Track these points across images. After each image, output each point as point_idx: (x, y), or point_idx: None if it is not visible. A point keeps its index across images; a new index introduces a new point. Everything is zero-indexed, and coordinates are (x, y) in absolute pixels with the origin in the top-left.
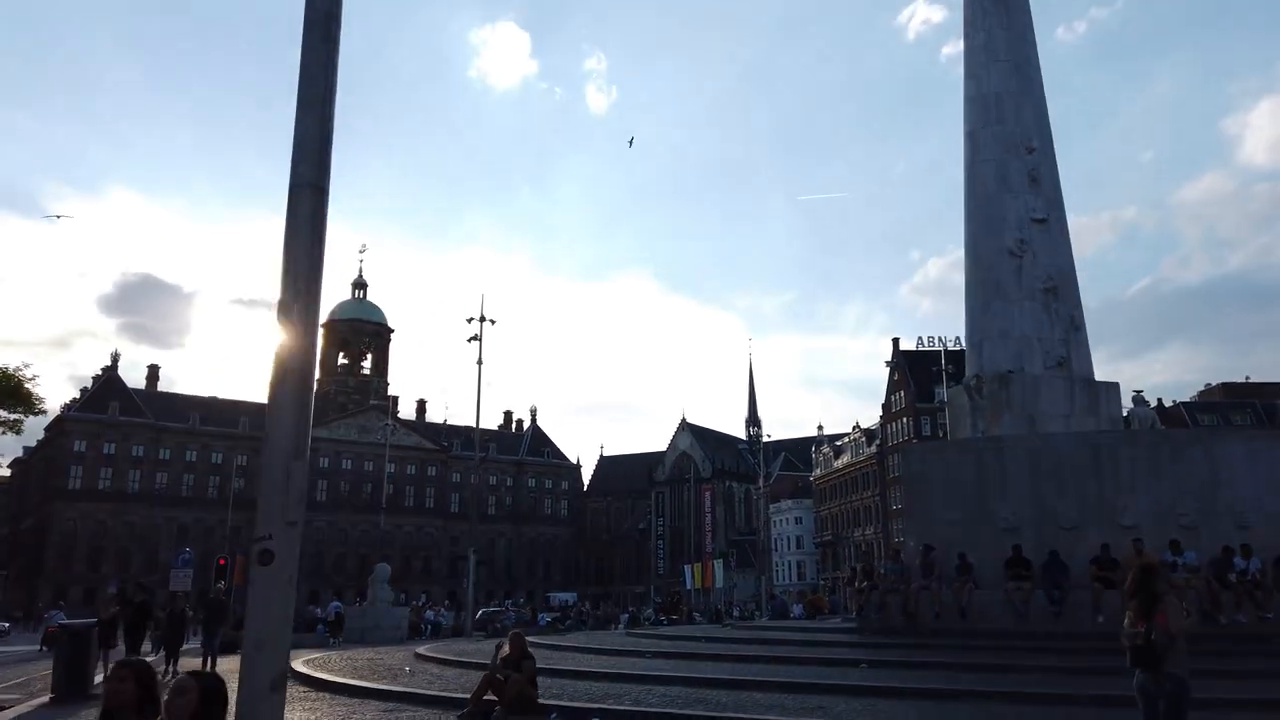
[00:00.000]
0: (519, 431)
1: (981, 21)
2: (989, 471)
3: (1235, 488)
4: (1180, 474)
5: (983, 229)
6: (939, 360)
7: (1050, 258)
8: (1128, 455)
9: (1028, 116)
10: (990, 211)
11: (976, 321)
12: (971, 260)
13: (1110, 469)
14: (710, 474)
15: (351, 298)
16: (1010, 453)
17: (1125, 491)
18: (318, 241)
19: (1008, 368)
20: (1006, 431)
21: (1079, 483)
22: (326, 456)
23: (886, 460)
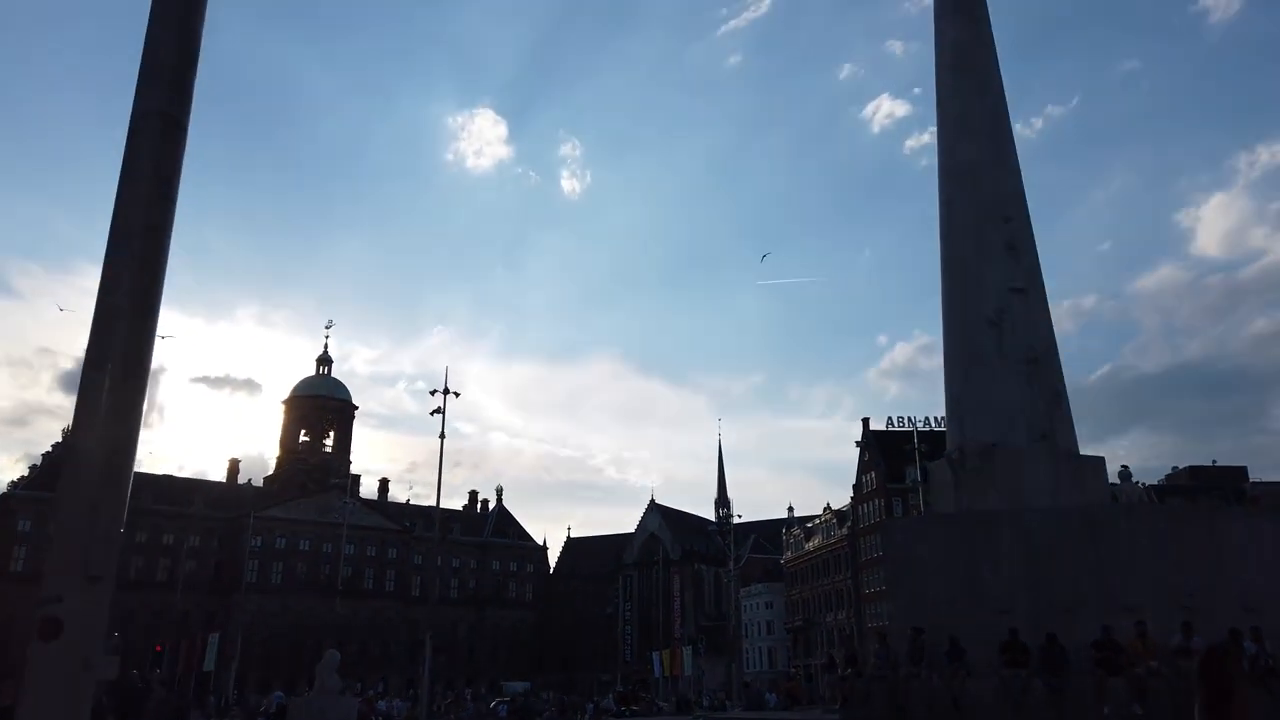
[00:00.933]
0: (484, 512)
1: (955, 94)
2: (980, 548)
3: (1239, 567)
4: (1182, 551)
5: (961, 298)
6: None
7: (1031, 328)
8: (1126, 530)
9: (1004, 186)
10: (968, 280)
11: (957, 393)
12: (950, 330)
13: (1109, 545)
14: (679, 556)
15: (316, 374)
16: (1002, 527)
17: (1125, 570)
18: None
19: (990, 440)
20: (990, 506)
21: (1076, 560)
22: (284, 537)
23: (858, 542)
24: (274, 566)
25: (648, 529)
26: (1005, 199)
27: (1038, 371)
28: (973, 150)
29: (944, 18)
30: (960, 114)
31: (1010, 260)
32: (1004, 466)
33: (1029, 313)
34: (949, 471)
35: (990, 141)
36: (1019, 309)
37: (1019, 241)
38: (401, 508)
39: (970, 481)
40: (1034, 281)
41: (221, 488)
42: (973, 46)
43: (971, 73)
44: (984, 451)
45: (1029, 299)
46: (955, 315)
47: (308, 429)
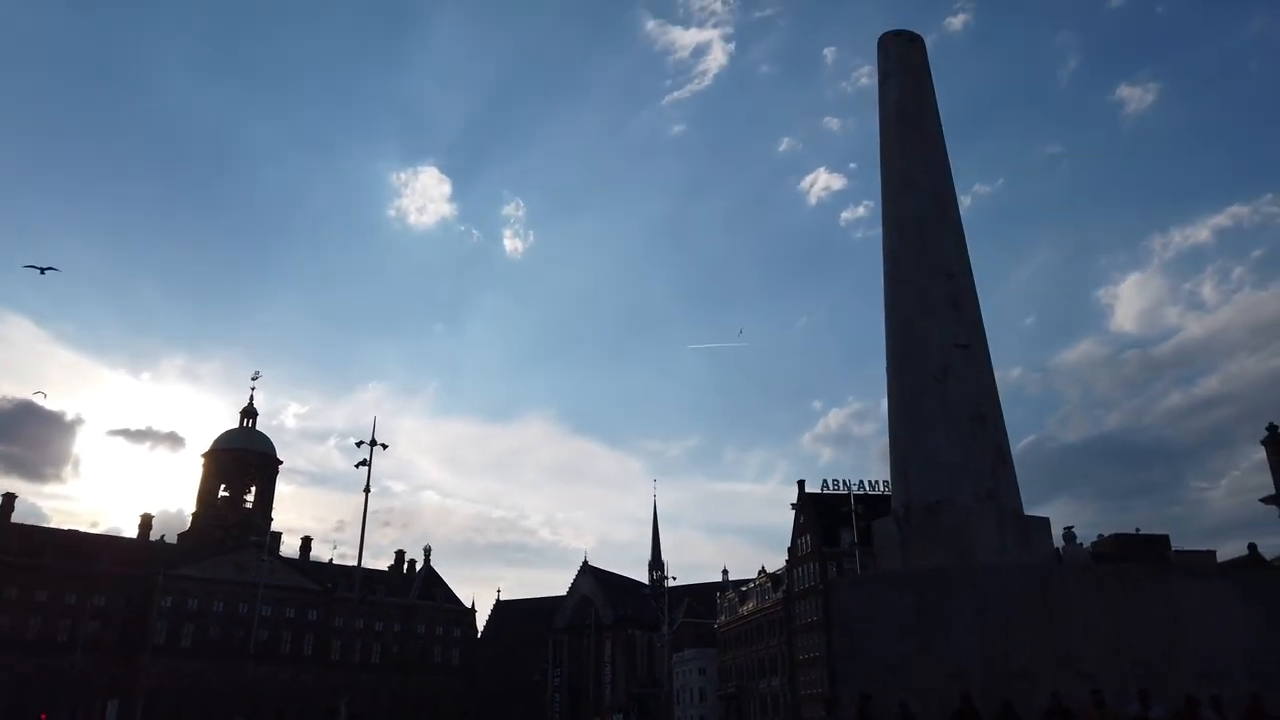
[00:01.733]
0: (411, 573)
1: (899, 151)
2: (931, 608)
3: (1196, 632)
4: (1137, 614)
5: (905, 353)
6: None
7: (975, 385)
8: (1079, 592)
9: (947, 242)
10: (913, 335)
11: (902, 450)
12: (894, 386)
13: (1063, 607)
14: (612, 621)
15: (239, 426)
16: (953, 586)
17: (1080, 633)
18: None
19: (936, 498)
20: (937, 565)
21: (1030, 622)
22: (196, 597)
23: (793, 607)
24: (185, 628)
25: (580, 591)
26: (948, 255)
27: (982, 429)
28: (916, 206)
29: (889, 78)
30: (904, 170)
31: (954, 316)
32: (950, 525)
33: (973, 369)
34: (895, 529)
35: (933, 198)
36: (963, 365)
37: (962, 298)
38: (324, 567)
39: (916, 539)
40: (977, 338)
41: (132, 544)
42: (916, 106)
43: (915, 131)
44: (930, 509)
45: (973, 355)
46: (900, 371)
47: (228, 483)
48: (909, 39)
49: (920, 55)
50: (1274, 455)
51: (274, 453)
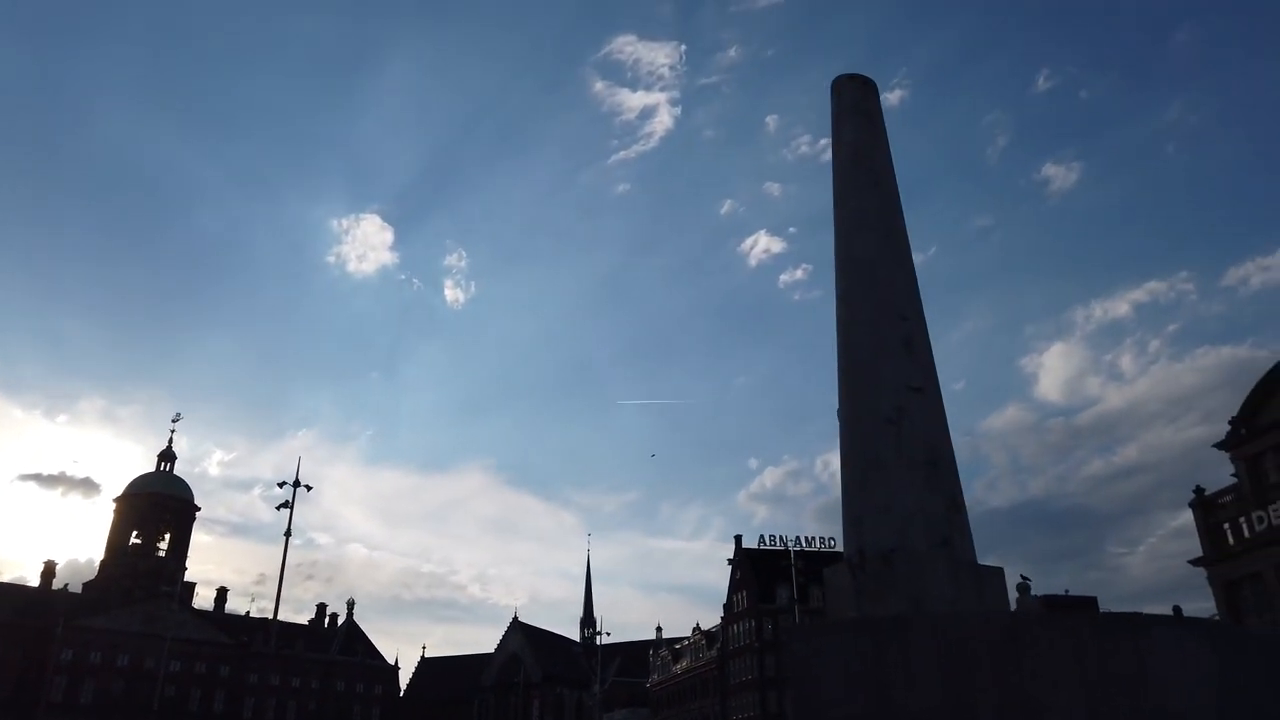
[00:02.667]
0: (332, 627)
1: (852, 190)
2: (891, 656)
3: (1168, 691)
4: (1105, 665)
5: (858, 395)
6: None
7: (928, 430)
8: (1047, 641)
9: (899, 284)
10: (865, 377)
11: (854, 496)
12: (846, 429)
13: (1030, 657)
14: (540, 679)
15: (156, 470)
16: (915, 634)
17: (1048, 685)
18: None
19: (890, 545)
20: (897, 612)
21: (997, 672)
22: (99, 650)
23: (728, 665)
24: (85, 683)
25: (509, 649)
26: (901, 296)
27: (936, 475)
28: (869, 246)
29: (842, 118)
30: (857, 209)
31: (908, 358)
32: (904, 572)
33: (927, 413)
34: (849, 576)
35: (885, 239)
36: (917, 409)
37: (916, 340)
38: (240, 620)
39: (871, 587)
40: (930, 382)
41: (32, 592)
42: (869, 146)
43: (868, 171)
44: (884, 556)
45: (927, 399)
46: (853, 413)
47: (141, 530)
48: (862, 82)
49: (873, 99)
50: (1200, 518)
51: (191, 498)
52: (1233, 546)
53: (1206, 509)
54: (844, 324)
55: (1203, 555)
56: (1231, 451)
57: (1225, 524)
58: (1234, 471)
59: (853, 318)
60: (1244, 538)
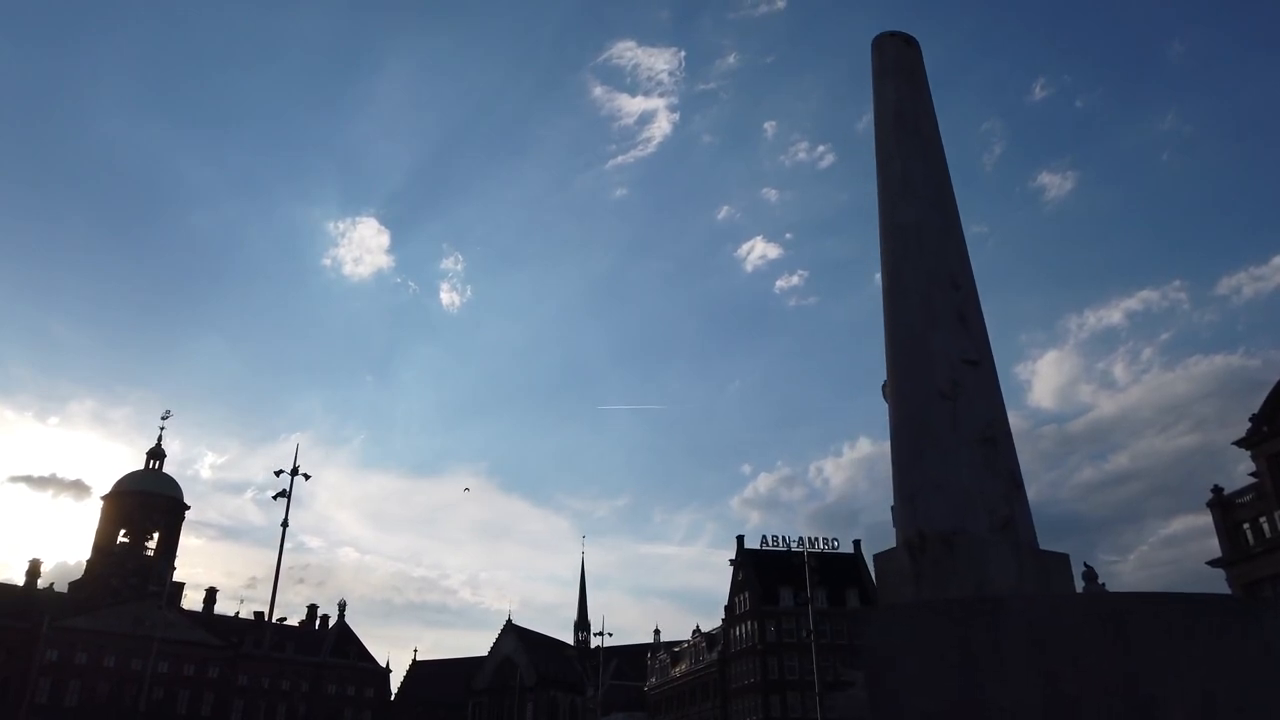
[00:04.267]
0: (323, 629)
1: (896, 153)
2: (979, 645)
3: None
4: (1225, 655)
5: (908, 368)
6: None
7: (985, 405)
8: (1160, 628)
9: (950, 251)
10: (916, 349)
11: (907, 473)
12: (897, 404)
13: (1140, 645)
14: (534, 682)
15: (145, 468)
16: (1007, 619)
17: (1159, 677)
18: None
19: (948, 526)
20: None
21: (1100, 662)
22: (85, 651)
23: (729, 668)
24: (71, 685)
25: (502, 652)
26: (952, 265)
27: (995, 453)
28: (917, 212)
29: (884, 77)
30: (902, 174)
31: (961, 329)
32: (966, 557)
33: (983, 388)
34: (907, 559)
35: (935, 206)
36: (973, 383)
37: (969, 311)
38: (230, 622)
39: (931, 572)
40: (985, 355)
41: (16, 592)
42: (913, 108)
43: (914, 134)
44: (944, 538)
45: (982, 373)
46: (903, 387)
47: (129, 529)
48: (905, 40)
49: (917, 59)
50: (1219, 518)
51: (181, 497)
52: (1253, 546)
53: (1225, 509)
54: (890, 294)
55: (1222, 556)
56: (1252, 449)
57: (1245, 524)
58: (1254, 470)
59: (900, 287)
60: (1265, 537)
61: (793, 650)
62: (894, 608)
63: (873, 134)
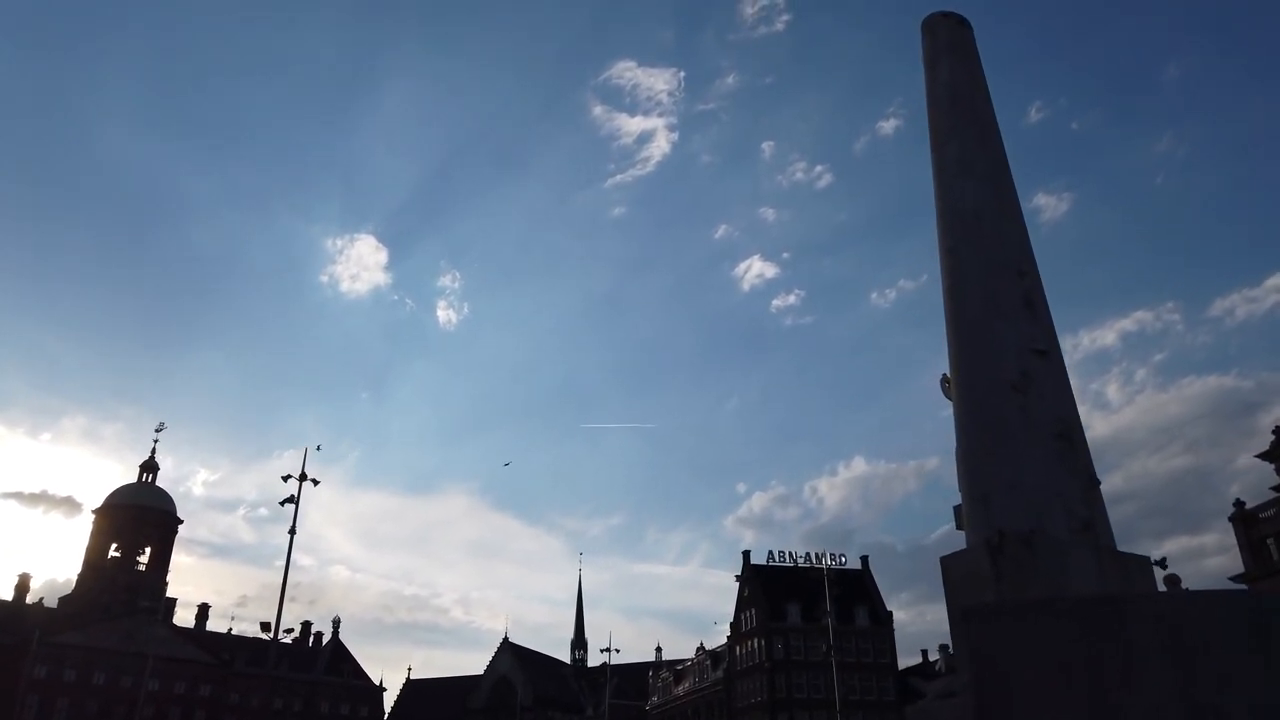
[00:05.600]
0: (317, 646)
1: (952, 135)
2: (1105, 650)
3: None
4: None
5: (974, 359)
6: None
7: (1058, 398)
8: None
9: (1013, 238)
10: (982, 339)
11: (978, 471)
12: (963, 397)
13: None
14: (531, 702)
15: (138, 481)
16: (1136, 620)
17: None
18: None
19: (1026, 527)
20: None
21: (1243, 672)
22: (74, 668)
23: (734, 686)
24: (59, 702)
25: (499, 670)
26: (1016, 250)
27: (1071, 449)
28: (977, 196)
29: (937, 58)
30: (960, 157)
31: (1029, 317)
32: (1046, 559)
33: (1054, 380)
34: (986, 560)
35: (995, 190)
36: (1044, 374)
37: (1035, 298)
38: (221, 639)
39: (1012, 574)
40: (1054, 346)
41: (5, 607)
42: (967, 88)
43: (970, 115)
44: (1024, 539)
45: (1053, 365)
46: (970, 378)
47: (121, 543)
48: (958, 20)
49: (970, 39)
50: (1242, 533)
51: (174, 511)
52: (1278, 561)
53: (1248, 523)
54: (952, 281)
55: (1245, 571)
56: (1276, 463)
57: (1269, 538)
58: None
59: (963, 274)
60: None
61: (801, 668)
62: (1002, 607)
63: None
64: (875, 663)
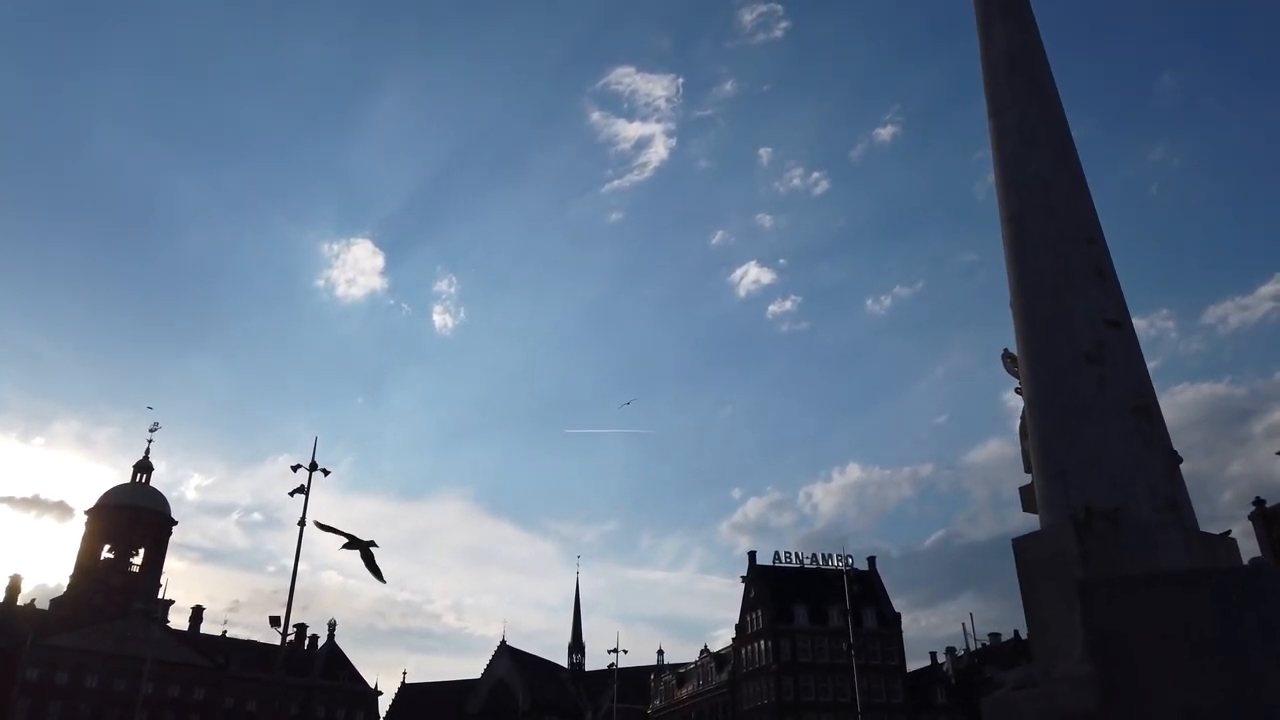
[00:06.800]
0: (312, 650)
1: (1013, 101)
2: (1245, 620)
3: None
4: None
5: (1045, 330)
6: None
7: (1133, 371)
8: None
9: (1080, 206)
10: (1053, 310)
11: (1053, 447)
12: (1034, 370)
13: None
14: (529, 706)
15: (131, 481)
16: (1275, 591)
17: None
18: None
19: (1110, 505)
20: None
21: None
22: (67, 670)
23: (740, 689)
24: (51, 705)
25: (496, 674)
26: (1084, 219)
27: (1150, 424)
28: (1041, 163)
29: (991, 23)
30: (1021, 123)
31: (1100, 287)
32: (1133, 538)
33: (1129, 352)
34: (1073, 538)
35: (1059, 157)
36: (1119, 346)
37: (1106, 268)
38: (216, 641)
39: (1099, 553)
40: (1126, 318)
41: None
42: (1026, 53)
43: (1028, 80)
44: (1109, 517)
45: (1126, 336)
46: (1041, 351)
47: (114, 544)
48: None
49: (1026, 3)
50: (1262, 531)
51: (168, 511)
52: None
53: (1269, 521)
54: (1017, 252)
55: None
56: None
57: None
58: None
59: (1029, 243)
60: None
61: (809, 670)
62: (1132, 580)
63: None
64: (884, 665)
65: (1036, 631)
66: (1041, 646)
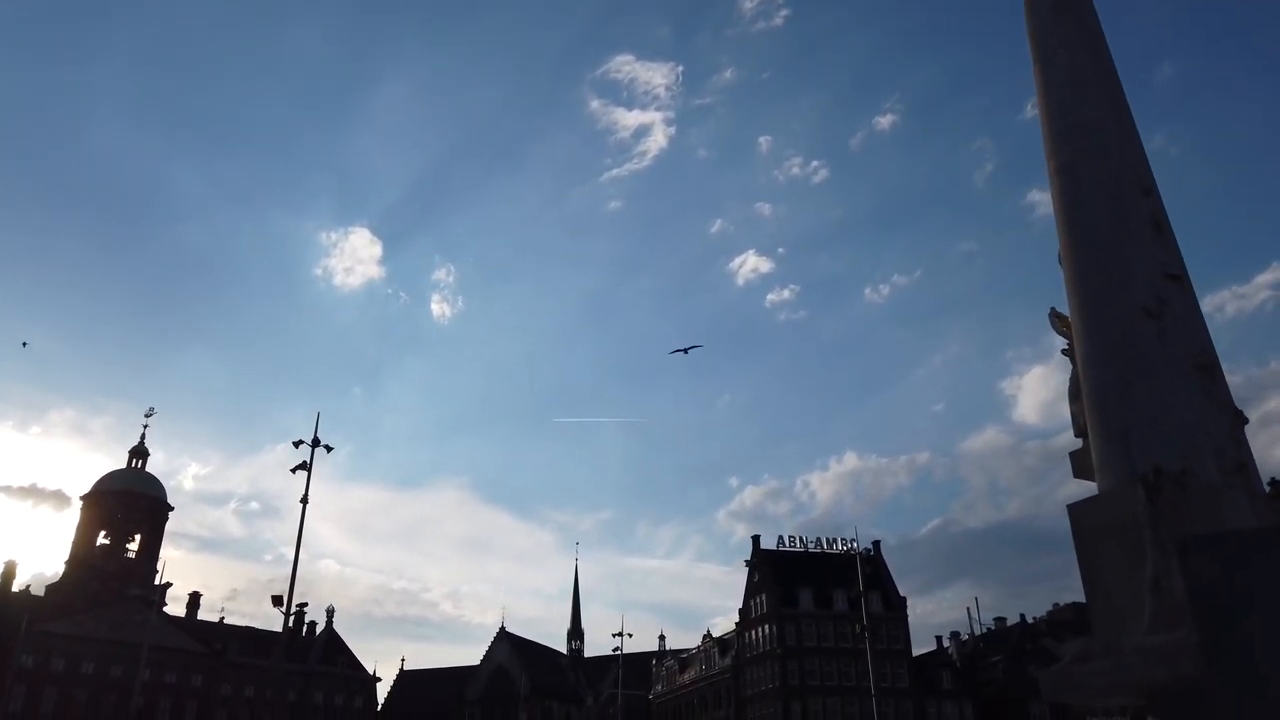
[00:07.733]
0: (310, 636)
1: (1062, 44)
2: None
3: None
4: None
5: (1101, 283)
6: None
7: (1194, 327)
8: None
9: (1134, 155)
10: (1110, 262)
11: (1113, 407)
12: (1091, 326)
13: None
14: (529, 692)
15: (127, 466)
16: None
17: None
18: None
19: (1176, 467)
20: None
21: None
22: (62, 657)
23: (743, 673)
24: (46, 693)
25: (495, 660)
26: (1140, 169)
27: (1213, 382)
28: (1094, 109)
29: None
30: (1070, 68)
31: (1158, 239)
32: (1201, 501)
33: (1189, 307)
34: (1143, 500)
35: (1111, 106)
36: (1179, 300)
37: (1163, 220)
38: (213, 628)
39: (1169, 516)
40: (1184, 272)
41: None
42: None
43: (1078, 23)
44: (1177, 479)
45: (1186, 290)
46: (1098, 304)
47: (110, 530)
48: None
49: None
50: None
51: (164, 497)
52: None
53: None
54: (1070, 201)
55: None
56: None
57: None
58: None
59: (1082, 194)
60: None
61: (813, 654)
62: (1240, 535)
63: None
64: (889, 649)
65: (1099, 601)
66: (1104, 617)
